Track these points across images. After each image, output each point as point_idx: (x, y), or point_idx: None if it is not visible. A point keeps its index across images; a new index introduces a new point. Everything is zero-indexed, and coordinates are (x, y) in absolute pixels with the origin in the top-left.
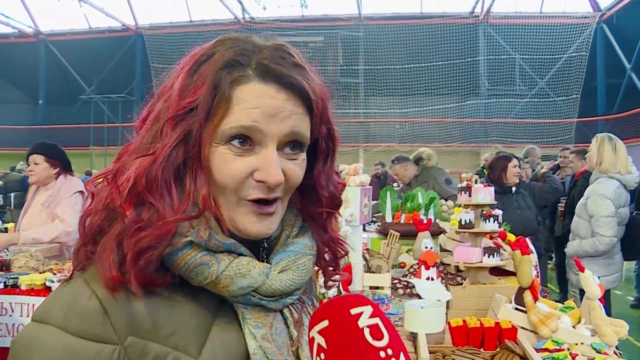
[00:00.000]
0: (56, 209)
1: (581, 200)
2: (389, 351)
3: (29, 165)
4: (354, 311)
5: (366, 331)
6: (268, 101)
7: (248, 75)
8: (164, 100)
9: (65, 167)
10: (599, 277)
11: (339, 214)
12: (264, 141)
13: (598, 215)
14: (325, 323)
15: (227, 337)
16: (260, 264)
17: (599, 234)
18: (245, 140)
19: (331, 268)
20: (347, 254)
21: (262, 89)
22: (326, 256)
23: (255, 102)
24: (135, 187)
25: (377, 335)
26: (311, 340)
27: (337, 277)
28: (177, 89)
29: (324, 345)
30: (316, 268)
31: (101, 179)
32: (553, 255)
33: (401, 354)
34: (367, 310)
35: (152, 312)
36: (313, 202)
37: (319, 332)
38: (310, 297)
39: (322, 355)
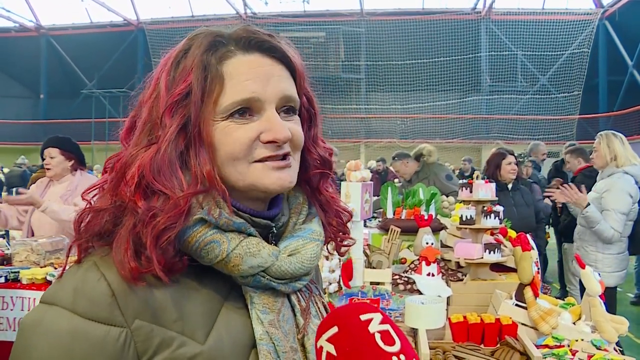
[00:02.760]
0: (75, 199)
1: (593, 194)
2: (402, 357)
3: (43, 159)
4: (364, 317)
5: (377, 336)
6: (258, 69)
7: (231, 50)
8: (151, 103)
9: (80, 160)
10: (604, 273)
11: (334, 173)
12: (263, 107)
13: (615, 209)
14: (334, 330)
15: (234, 323)
16: (270, 246)
17: (613, 228)
18: (246, 111)
19: (341, 233)
20: (352, 216)
21: (249, 59)
22: (334, 223)
23: (247, 74)
24: (143, 179)
25: (389, 341)
26: (319, 350)
27: (349, 241)
28: (163, 86)
29: (334, 352)
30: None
31: (97, 189)
32: None
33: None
34: (377, 317)
35: (160, 296)
36: (306, 168)
37: (328, 340)
38: (317, 287)
39: None
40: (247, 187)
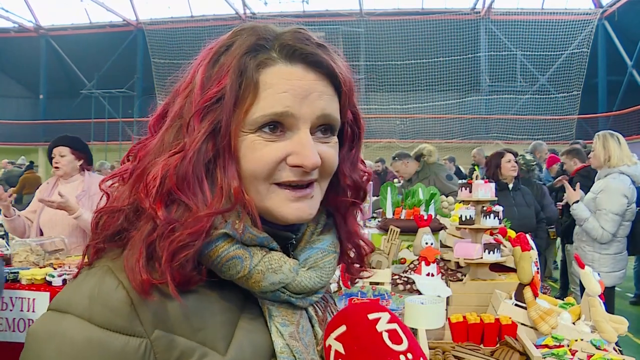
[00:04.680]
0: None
1: (589, 195)
2: (409, 355)
3: (52, 158)
4: (371, 316)
5: (385, 335)
6: (297, 83)
7: (273, 58)
8: (185, 96)
9: (89, 161)
10: (601, 273)
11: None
12: (296, 125)
13: (608, 210)
14: (342, 328)
15: (253, 334)
16: (291, 261)
17: (603, 228)
18: (277, 126)
19: (357, 265)
20: (373, 250)
21: (290, 70)
22: (351, 253)
23: (284, 86)
24: (165, 186)
25: (397, 340)
26: (328, 349)
27: (365, 273)
28: (198, 82)
29: (342, 351)
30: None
31: (116, 178)
32: None
33: (421, 358)
34: (385, 316)
35: (180, 306)
36: (336, 192)
37: (336, 339)
38: (331, 296)
39: None
40: (263, 209)
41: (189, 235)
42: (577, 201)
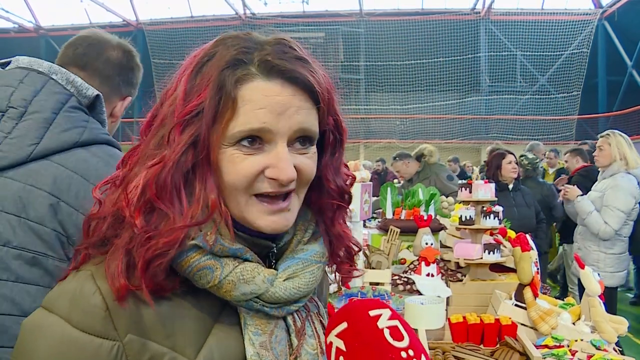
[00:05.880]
0: None
1: (595, 194)
2: (410, 352)
3: None
4: (372, 313)
5: (386, 332)
6: (275, 99)
7: (252, 74)
8: (169, 105)
9: None
10: (606, 273)
11: (349, 209)
12: (274, 139)
13: (614, 207)
14: (343, 325)
15: (225, 341)
16: (267, 271)
17: (607, 223)
18: (255, 139)
19: (348, 265)
20: (360, 249)
21: (267, 86)
22: (341, 253)
23: (262, 102)
24: (145, 195)
25: (398, 337)
26: (329, 346)
27: (356, 273)
28: (180, 92)
29: (343, 348)
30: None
31: (109, 185)
32: None
33: (422, 355)
34: (386, 312)
35: (153, 312)
36: (322, 196)
37: (337, 336)
38: (316, 303)
39: (342, 359)
40: (241, 220)
41: (164, 244)
42: (582, 194)
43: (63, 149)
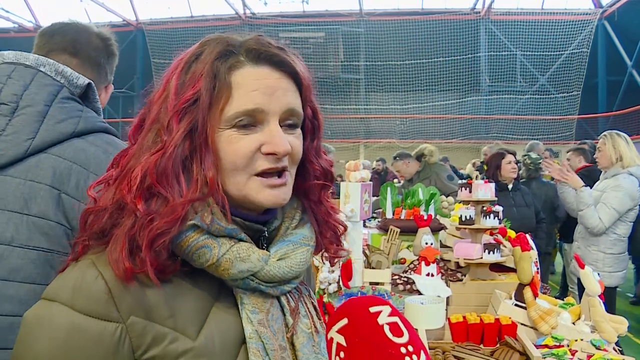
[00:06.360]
0: None
1: (595, 193)
2: (410, 348)
3: None
4: (373, 309)
5: (386, 328)
6: (264, 82)
7: (241, 61)
8: (160, 104)
9: None
10: (605, 273)
11: (332, 185)
12: (267, 119)
13: (610, 204)
14: (344, 321)
15: (225, 321)
16: (260, 251)
17: (601, 219)
18: (250, 121)
19: (334, 245)
20: (346, 229)
21: (257, 71)
22: (328, 235)
23: (253, 85)
24: (146, 181)
25: (397, 333)
26: (330, 341)
27: (342, 252)
28: (172, 89)
29: (344, 343)
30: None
31: (102, 184)
32: None
33: (422, 351)
34: (386, 309)
35: (154, 294)
36: (307, 179)
37: (338, 331)
38: (307, 287)
39: (342, 354)
40: (242, 198)
41: (166, 223)
42: (585, 185)
43: (60, 140)
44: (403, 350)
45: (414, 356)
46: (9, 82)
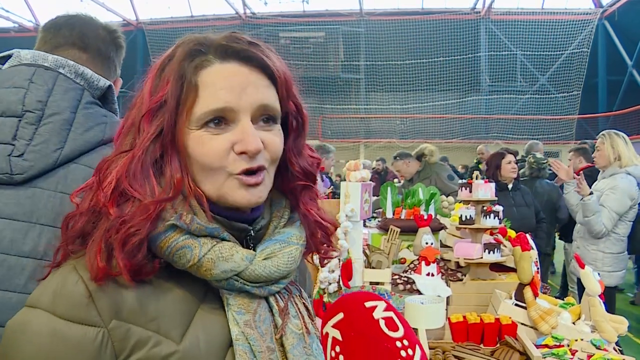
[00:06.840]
0: None
1: (595, 193)
2: (405, 342)
3: None
4: (368, 304)
5: (382, 322)
6: (232, 79)
7: (209, 59)
8: (137, 108)
9: None
10: (604, 273)
11: (316, 186)
12: (237, 117)
13: (612, 208)
14: (340, 316)
15: (210, 323)
16: (244, 250)
17: (604, 224)
18: (220, 120)
19: (325, 245)
20: (337, 228)
21: (224, 68)
22: (318, 235)
23: (221, 83)
24: (119, 186)
25: (393, 327)
26: (325, 336)
27: (333, 253)
28: (147, 92)
29: (339, 337)
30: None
31: (85, 191)
32: None
33: (417, 346)
34: (381, 304)
35: (136, 297)
36: (289, 179)
37: (334, 326)
38: (298, 287)
39: (338, 348)
40: (218, 198)
41: (138, 223)
42: (591, 193)
43: (88, 149)
44: (398, 344)
45: (409, 350)
46: (31, 87)
